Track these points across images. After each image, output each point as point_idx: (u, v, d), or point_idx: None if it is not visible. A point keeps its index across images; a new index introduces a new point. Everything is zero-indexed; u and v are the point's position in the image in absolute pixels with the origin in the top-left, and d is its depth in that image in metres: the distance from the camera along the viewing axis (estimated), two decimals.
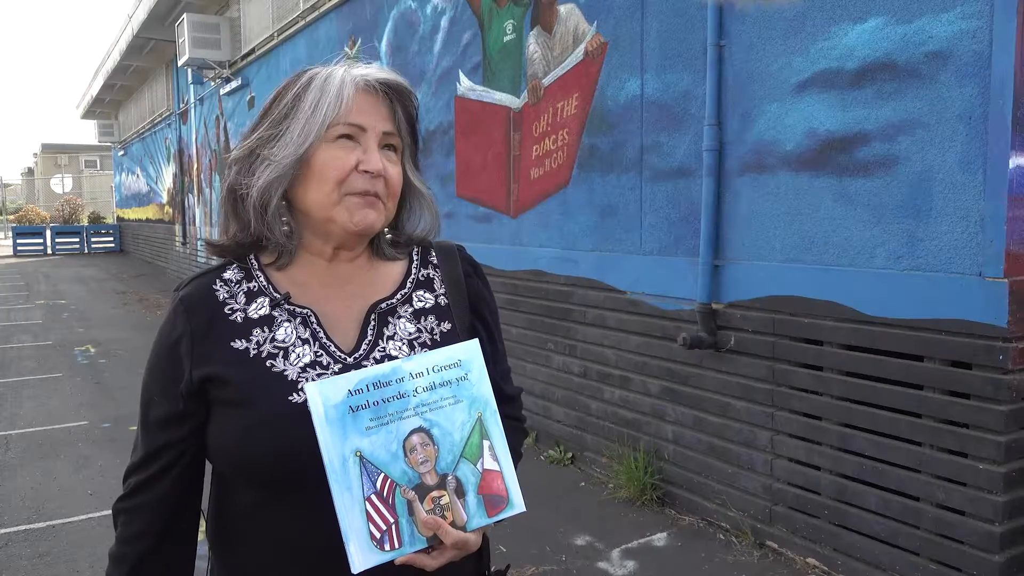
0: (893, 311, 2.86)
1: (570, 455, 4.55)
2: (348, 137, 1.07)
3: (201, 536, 1.18)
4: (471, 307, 1.20)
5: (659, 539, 3.55)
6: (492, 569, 1.20)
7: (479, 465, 0.98)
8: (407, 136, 1.13)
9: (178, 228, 15.32)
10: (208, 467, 1.14)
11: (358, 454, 0.93)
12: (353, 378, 0.95)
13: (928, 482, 2.79)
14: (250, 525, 1.08)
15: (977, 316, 2.61)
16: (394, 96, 1.10)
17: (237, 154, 1.10)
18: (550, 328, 4.68)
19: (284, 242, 1.10)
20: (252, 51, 10.17)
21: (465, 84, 5.38)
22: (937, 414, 2.75)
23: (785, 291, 3.26)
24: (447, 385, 0.99)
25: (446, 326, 1.16)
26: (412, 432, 0.96)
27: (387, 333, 1.12)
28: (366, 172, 1.06)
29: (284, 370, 1.06)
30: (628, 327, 4.09)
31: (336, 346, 1.09)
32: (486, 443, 0.99)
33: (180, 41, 11.09)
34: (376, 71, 1.09)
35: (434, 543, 0.94)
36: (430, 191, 1.20)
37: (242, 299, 1.11)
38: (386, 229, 1.18)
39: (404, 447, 0.95)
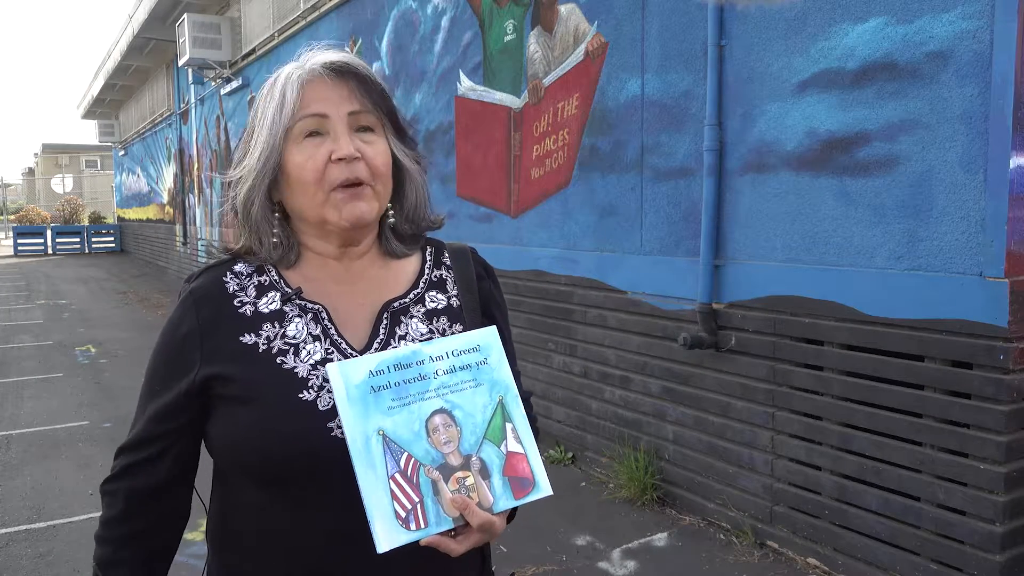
0: (894, 311, 2.86)
1: (570, 455, 4.56)
2: (315, 133, 1.05)
3: (200, 536, 1.18)
4: (482, 309, 1.18)
5: (659, 539, 3.55)
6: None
7: (503, 447, 0.97)
8: (381, 111, 1.08)
9: (179, 228, 15.32)
10: (209, 466, 1.14)
11: (381, 433, 0.92)
12: (374, 359, 0.95)
13: (929, 482, 2.79)
14: (251, 523, 1.07)
15: (978, 316, 2.61)
16: (351, 76, 1.06)
17: (230, 177, 1.10)
18: (551, 328, 4.68)
19: (270, 253, 1.09)
20: (253, 51, 10.17)
21: (466, 84, 5.37)
22: (938, 414, 2.75)
23: (786, 291, 3.26)
24: (467, 369, 0.98)
25: (458, 328, 1.14)
26: (434, 413, 0.95)
27: (399, 332, 1.11)
28: (340, 160, 1.03)
29: (295, 367, 1.04)
30: (628, 327, 4.09)
31: (347, 343, 1.08)
32: (508, 426, 0.98)
33: (181, 41, 11.09)
34: (321, 56, 1.06)
35: (460, 524, 0.93)
36: (419, 166, 1.15)
37: (252, 292, 1.10)
38: (391, 218, 1.14)
39: (427, 427, 0.94)
